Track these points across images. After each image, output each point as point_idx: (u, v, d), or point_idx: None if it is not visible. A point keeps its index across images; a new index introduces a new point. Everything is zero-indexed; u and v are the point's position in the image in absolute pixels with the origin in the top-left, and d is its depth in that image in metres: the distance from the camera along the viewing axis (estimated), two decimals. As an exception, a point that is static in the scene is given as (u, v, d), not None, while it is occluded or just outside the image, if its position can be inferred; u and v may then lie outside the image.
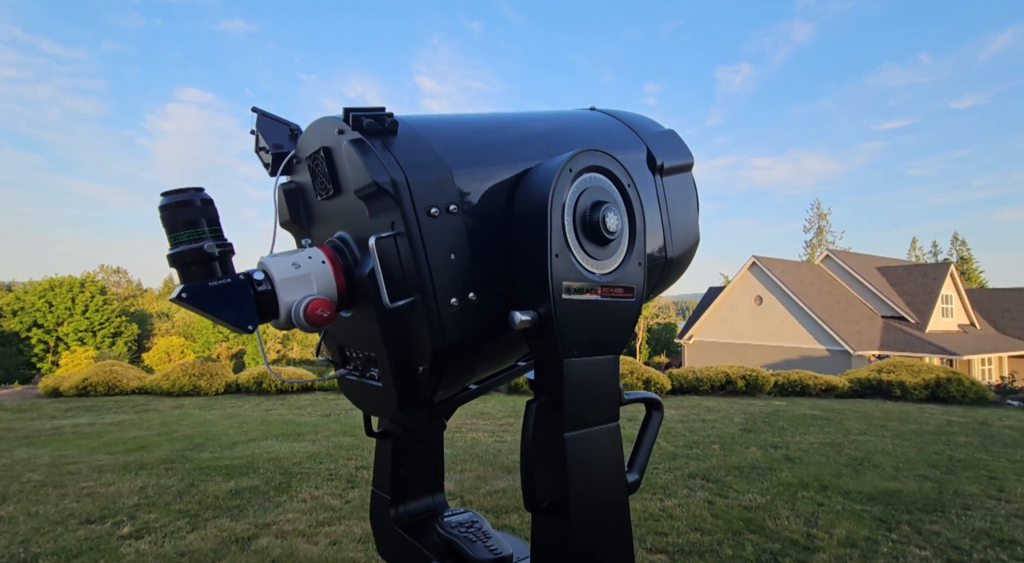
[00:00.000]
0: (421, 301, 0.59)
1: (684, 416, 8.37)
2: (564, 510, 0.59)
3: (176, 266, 0.56)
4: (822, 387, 11.85)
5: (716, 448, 5.97)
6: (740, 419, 8.06)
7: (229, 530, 3.35)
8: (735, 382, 11.49)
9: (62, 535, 3.26)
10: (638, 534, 3.40)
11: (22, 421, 7.98)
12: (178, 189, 0.57)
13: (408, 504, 0.87)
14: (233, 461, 5.05)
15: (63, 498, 3.98)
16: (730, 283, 28.55)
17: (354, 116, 0.60)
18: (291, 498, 4.02)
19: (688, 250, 0.96)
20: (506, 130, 0.78)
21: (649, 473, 4.83)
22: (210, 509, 3.74)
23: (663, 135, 0.94)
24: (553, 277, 0.60)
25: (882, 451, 5.94)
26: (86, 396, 10.82)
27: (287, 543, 3.18)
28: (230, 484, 4.31)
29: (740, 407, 9.51)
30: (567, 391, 0.61)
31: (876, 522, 3.70)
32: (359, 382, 0.73)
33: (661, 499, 4.13)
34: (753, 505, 4.01)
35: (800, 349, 24.25)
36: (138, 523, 3.46)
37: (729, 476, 4.80)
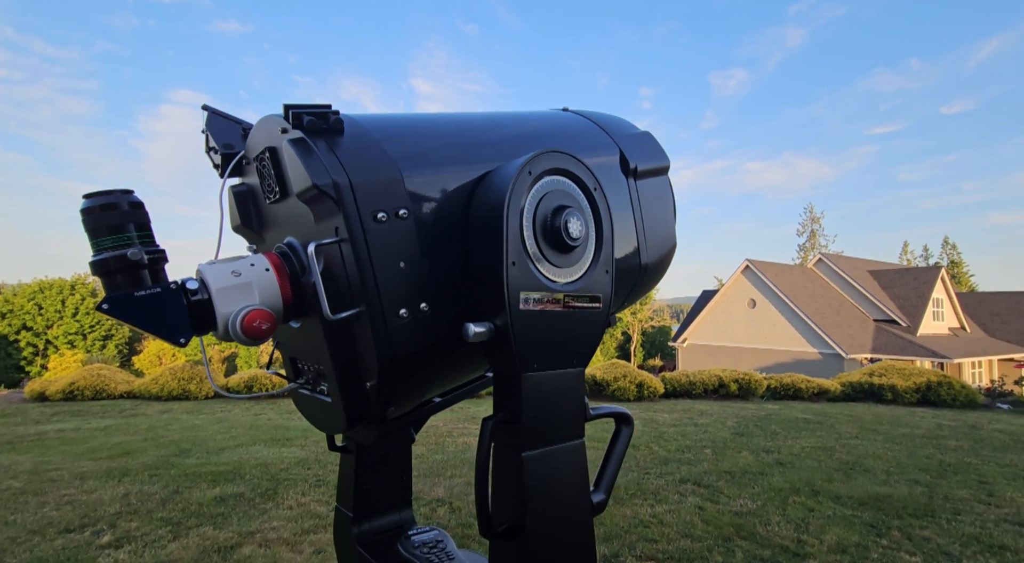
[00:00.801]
0: (366, 312, 0.55)
1: (677, 420, 8.34)
2: (521, 534, 0.55)
3: (99, 274, 0.52)
4: (814, 391, 11.87)
5: (708, 453, 5.94)
6: (733, 423, 8.04)
7: (212, 538, 3.29)
8: (728, 386, 11.49)
9: (39, 545, 3.18)
10: (628, 541, 3.37)
11: (6, 426, 7.84)
12: (103, 191, 0.53)
13: (373, 521, 0.83)
14: (219, 467, 4.97)
15: (43, 506, 3.90)
16: (724, 286, 28.65)
17: (295, 114, 0.56)
18: (277, 505, 3.95)
19: (664, 256, 0.92)
20: (469, 131, 0.74)
21: (640, 479, 4.79)
22: (193, 517, 3.66)
23: (637, 137, 0.91)
24: (509, 286, 0.56)
25: (873, 455, 5.94)
26: (73, 400, 10.65)
27: (271, 552, 3.12)
28: (215, 491, 4.23)
29: (733, 411, 9.50)
30: (525, 407, 0.57)
31: (866, 528, 3.68)
32: (311, 396, 0.69)
33: (652, 505, 4.09)
34: (744, 511, 3.99)
35: (793, 352, 24.34)
36: (119, 532, 3.38)
37: (720, 481, 4.78)
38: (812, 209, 49.61)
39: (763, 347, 25.44)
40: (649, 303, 48.60)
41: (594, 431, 6.95)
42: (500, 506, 0.59)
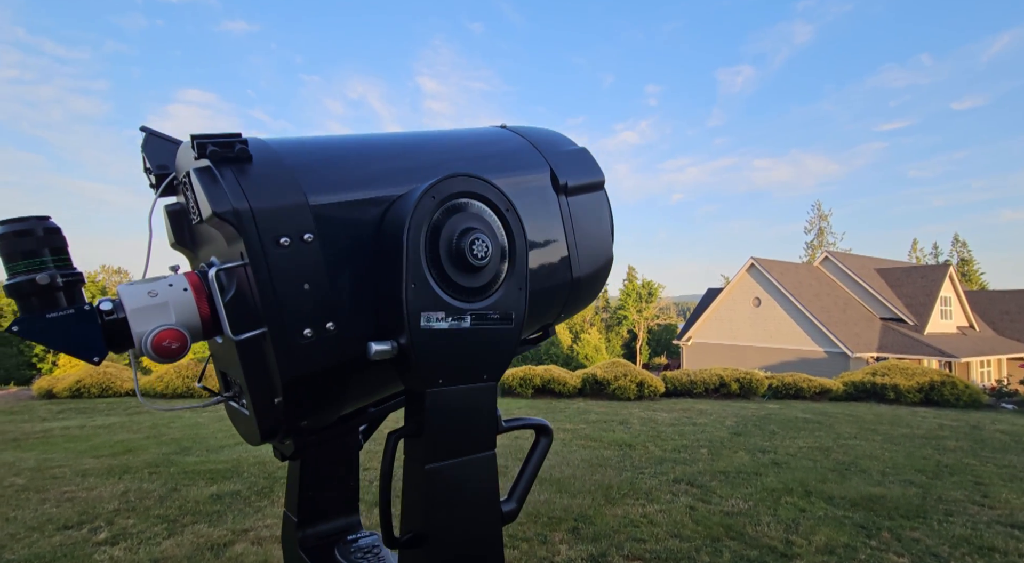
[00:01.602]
0: (270, 333, 0.58)
1: (675, 419, 8.34)
2: (425, 543, 0.58)
3: (14, 297, 0.55)
4: (816, 390, 11.82)
5: (704, 452, 5.94)
6: (731, 422, 8.03)
7: (206, 536, 3.35)
8: (729, 385, 11.46)
9: (37, 541, 3.25)
10: (616, 540, 3.39)
11: (13, 423, 7.98)
12: (17, 218, 0.56)
13: (318, 526, 0.85)
14: (218, 465, 5.04)
15: (43, 503, 3.98)
16: (728, 285, 28.51)
17: (199, 144, 0.58)
18: (272, 503, 4.01)
19: (599, 269, 0.94)
20: (391, 155, 0.76)
21: (633, 478, 4.81)
22: (189, 514, 3.73)
23: (571, 154, 0.93)
24: (408, 307, 0.58)
25: (870, 456, 5.92)
26: (80, 398, 10.82)
27: (263, 550, 3.17)
28: (212, 488, 4.30)
29: (733, 410, 9.48)
30: (428, 421, 0.59)
31: (856, 528, 3.68)
32: (237, 408, 0.72)
33: (643, 504, 4.11)
34: (735, 511, 4.00)
35: (798, 351, 24.21)
36: (115, 529, 3.45)
37: (714, 481, 4.79)
38: (820, 207, 49.16)
39: (768, 346, 25.31)
40: (655, 301, 48.39)
41: (594, 431, 6.90)
42: (407, 516, 0.62)
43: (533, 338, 0.96)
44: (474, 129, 0.96)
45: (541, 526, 3.60)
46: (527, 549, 3.24)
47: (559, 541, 3.38)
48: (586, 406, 9.76)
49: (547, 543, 3.34)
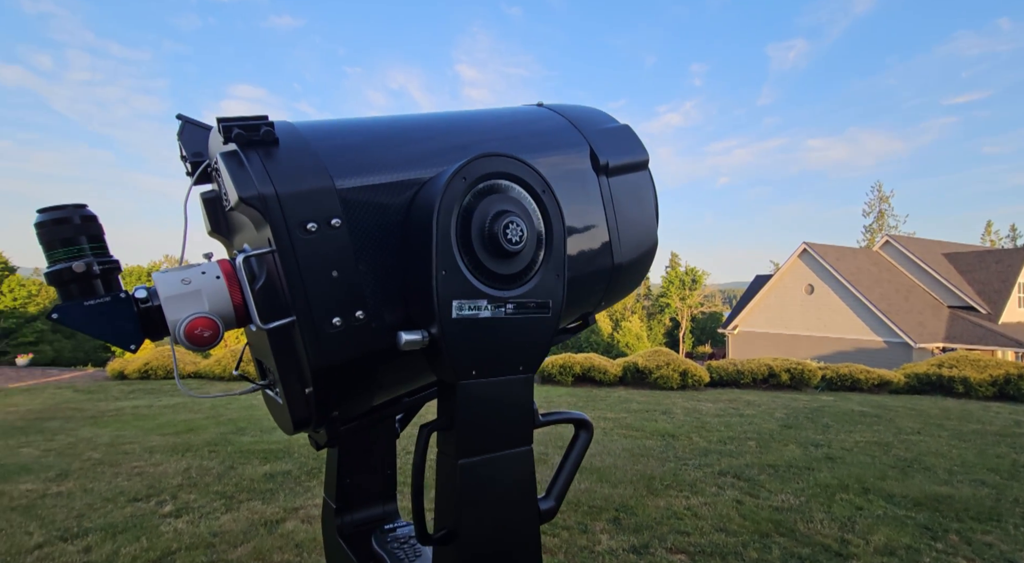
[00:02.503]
0: (298, 322, 0.56)
1: (721, 410, 8.10)
2: (458, 540, 0.55)
3: (54, 285, 0.56)
4: (875, 382, 11.18)
5: (752, 445, 5.74)
6: (781, 415, 7.72)
7: (260, 513, 3.52)
8: (778, 375, 11.01)
9: (111, 512, 3.51)
10: (659, 532, 3.32)
11: (90, 402, 8.66)
12: (55, 206, 0.56)
13: (355, 513, 0.85)
14: (271, 445, 5.28)
15: (116, 476, 4.29)
16: (779, 271, 27.30)
17: (225, 127, 0.57)
18: (320, 484, 4.17)
19: (642, 254, 0.88)
20: (421, 136, 0.72)
21: (677, 469, 4.70)
22: (245, 492, 3.93)
23: (612, 132, 0.86)
24: (439, 295, 0.55)
25: (936, 453, 5.55)
26: (147, 379, 11.61)
27: (312, 528, 3.30)
28: (266, 468, 4.51)
29: (782, 402, 9.11)
30: (461, 415, 0.56)
31: (920, 529, 3.46)
32: (272, 396, 0.72)
33: (687, 496, 4.01)
34: (785, 506, 3.84)
35: (855, 341, 22.97)
36: (179, 503, 3.68)
37: (763, 475, 4.61)
38: (880, 187, 46.07)
39: (821, 335, 24.15)
40: (700, 288, 46.98)
41: (638, 421, 6.80)
42: (440, 511, 0.59)
43: (572, 327, 0.92)
44: (509, 108, 0.91)
45: (581, 515, 3.58)
46: (567, 538, 3.23)
47: (600, 531, 3.34)
48: (627, 395, 9.63)
49: (587, 532, 3.31)
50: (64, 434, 6.05)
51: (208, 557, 2.88)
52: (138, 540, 3.07)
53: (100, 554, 2.90)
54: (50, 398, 9.30)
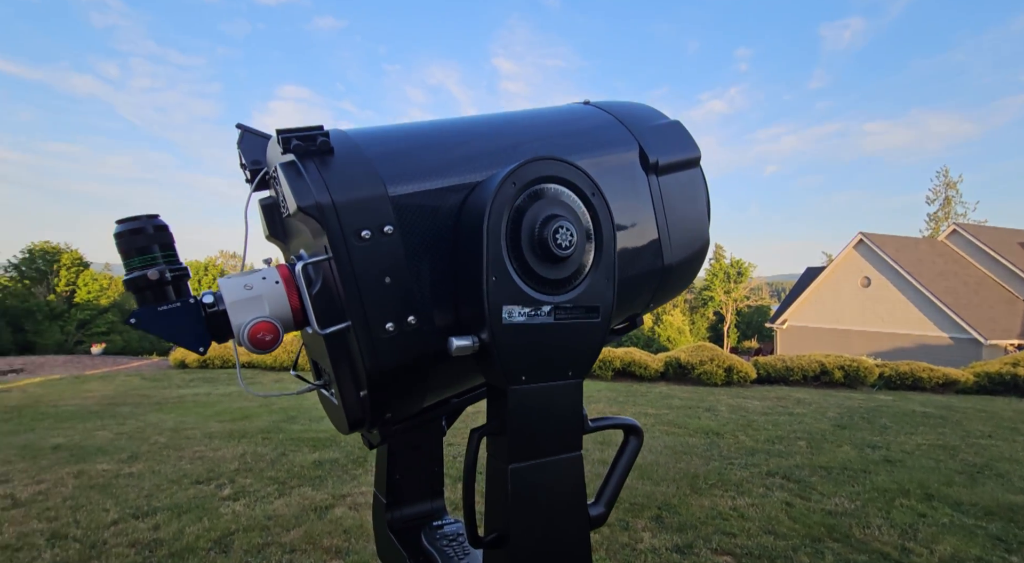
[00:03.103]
0: (354, 327, 0.58)
1: (768, 408, 7.82)
2: (508, 544, 0.56)
3: (131, 291, 0.60)
4: (939, 381, 10.50)
5: (802, 445, 5.52)
6: (834, 414, 7.38)
7: (310, 499, 3.67)
8: (831, 372, 10.52)
9: (176, 493, 3.75)
10: (703, 532, 3.26)
11: (155, 389, 9.27)
12: (131, 217, 0.60)
13: (404, 509, 0.88)
14: (319, 434, 5.50)
15: (180, 460, 4.58)
16: (832, 262, 25.99)
17: (283, 138, 0.59)
18: (366, 472, 4.31)
19: (693, 254, 0.85)
20: (468, 140, 0.73)
21: (722, 468, 4.58)
22: (296, 478, 4.11)
23: (661, 128, 0.83)
24: (489, 301, 0.55)
25: (1010, 458, 5.17)
26: (206, 368, 12.33)
27: (359, 515, 3.42)
28: (315, 455, 4.70)
29: (835, 401, 8.71)
30: (511, 420, 0.57)
31: (992, 541, 3.23)
32: (327, 397, 0.75)
33: (733, 497, 3.91)
34: (839, 510, 3.68)
35: (916, 337, 21.63)
36: (236, 486, 3.89)
37: (814, 477, 4.43)
38: (947, 173, 42.86)
39: (879, 330, 22.86)
40: (745, 281, 45.33)
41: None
42: (490, 515, 0.60)
43: (619, 328, 0.91)
44: (556, 107, 0.90)
45: (623, 512, 3.55)
46: (608, 534, 3.21)
47: (642, 529, 3.31)
48: (669, 391, 9.44)
49: (629, 530, 3.28)
50: (134, 419, 6.51)
51: (264, 539, 3.04)
52: (200, 520, 3.27)
53: (168, 532, 3.11)
54: (121, 385, 10.02)
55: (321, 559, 2.83)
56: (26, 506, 3.52)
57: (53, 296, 30.93)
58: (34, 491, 3.80)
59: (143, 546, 2.95)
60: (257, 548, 2.93)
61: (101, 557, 2.83)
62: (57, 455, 4.75)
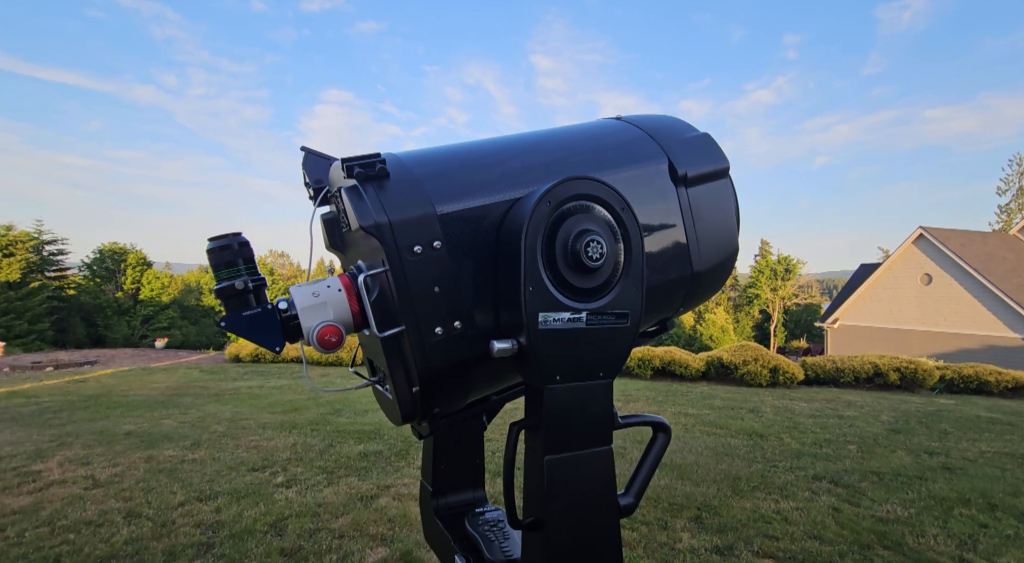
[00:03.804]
0: (407, 331, 0.65)
1: (816, 410, 7.54)
2: (544, 528, 0.62)
3: (220, 299, 0.69)
4: (1008, 385, 9.82)
5: (852, 449, 5.32)
6: (888, 418, 7.04)
7: (356, 488, 3.85)
8: (885, 374, 10.01)
9: (235, 479, 4.01)
10: (744, 535, 3.21)
11: (213, 382, 9.85)
12: (220, 235, 0.69)
13: (448, 497, 0.95)
14: (364, 427, 5.72)
15: (237, 448, 4.88)
16: (889, 258, 24.61)
17: (347, 166, 0.67)
18: (409, 464, 4.46)
19: (722, 261, 0.88)
20: (505, 159, 0.79)
21: (765, 470, 4.48)
22: (343, 468, 4.31)
23: (690, 141, 0.86)
24: (527, 309, 0.61)
25: (1086, 469, 4.80)
26: (258, 363, 12.98)
27: (402, 505, 3.56)
28: (360, 447, 4.91)
29: (890, 404, 8.30)
30: (547, 416, 0.63)
31: (1061, 556, 3.04)
32: (382, 392, 0.83)
33: (776, 500, 3.82)
34: (891, 517, 3.54)
35: (983, 338, 20.21)
36: (288, 474, 4.12)
37: (864, 482, 4.27)
38: (1021, 161, 39.64)
39: (940, 330, 21.51)
40: (794, 278, 43.44)
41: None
42: (528, 501, 0.66)
43: (651, 331, 0.95)
44: (589, 123, 0.95)
45: (661, 511, 3.54)
46: (646, 532, 3.22)
47: (680, 529, 3.29)
48: (710, 391, 9.24)
49: (668, 529, 3.27)
50: (195, 409, 6.95)
51: (315, 524, 3.22)
52: (257, 505, 3.49)
53: (228, 514, 3.34)
54: (182, 377, 10.70)
55: (368, 546, 2.98)
56: (104, 487, 3.85)
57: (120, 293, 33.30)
58: (111, 473, 4.16)
59: (207, 527, 3.19)
60: (309, 533, 3.11)
61: (171, 535, 3.07)
62: (129, 441, 5.15)
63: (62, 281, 31.51)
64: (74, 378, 11.29)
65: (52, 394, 8.58)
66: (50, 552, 2.85)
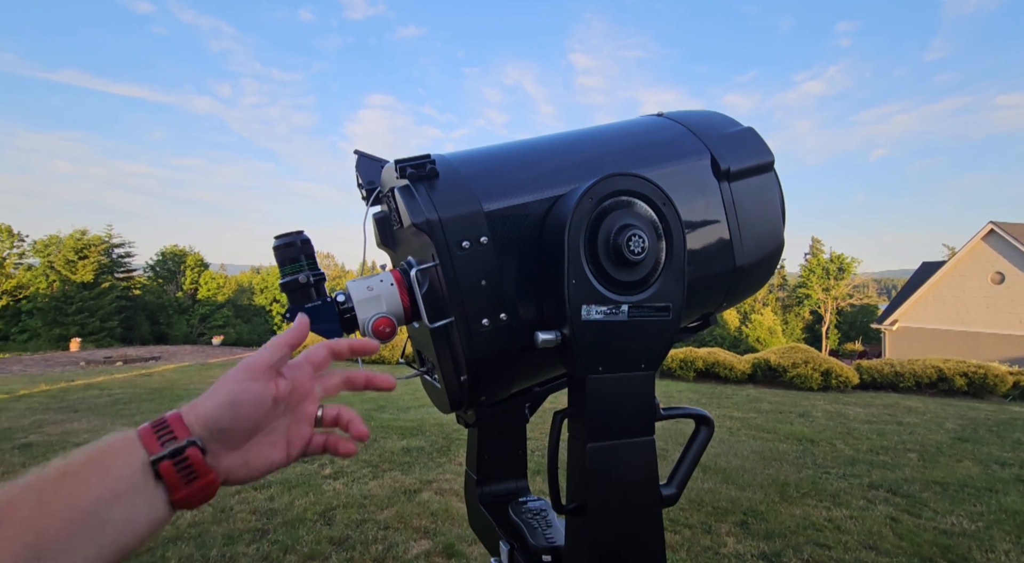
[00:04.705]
0: (455, 322, 0.68)
1: (872, 416, 7.17)
2: (587, 512, 0.64)
3: (285, 292, 0.75)
4: (1094, 393, 9.01)
5: (912, 457, 5.03)
6: (954, 425, 6.61)
7: (400, 482, 3.96)
8: (951, 379, 9.39)
9: (286, 470, 4.20)
10: (793, 542, 3.11)
11: (265, 377, 10.34)
12: (285, 233, 0.75)
13: (492, 485, 0.99)
14: (407, 423, 5.87)
15: (288, 440, 5.11)
16: (955, 256, 23.04)
17: (400, 167, 0.71)
18: (450, 460, 4.55)
19: (766, 256, 0.87)
20: (548, 157, 0.81)
21: (815, 477, 4.31)
22: (387, 462, 4.44)
23: (733, 136, 0.86)
24: (570, 301, 0.63)
25: None
26: (306, 360, 13.52)
27: (444, 500, 3.64)
28: (403, 442, 5.04)
29: (956, 411, 7.78)
30: (589, 405, 0.65)
31: None
32: (431, 382, 0.87)
33: (828, 508, 3.67)
34: (956, 530, 3.34)
35: (1064, 341, 18.60)
36: (336, 467, 4.28)
37: (926, 492, 4.04)
38: (1108, 148, 36.08)
39: (1014, 333, 19.94)
40: (848, 277, 41.27)
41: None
42: (571, 487, 0.68)
43: (693, 326, 0.95)
44: (629, 120, 0.96)
45: (705, 515, 3.47)
46: (689, 535, 3.16)
47: (725, 533, 3.22)
48: (757, 394, 8.93)
49: (712, 533, 3.21)
50: (248, 403, 7.32)
51: (361, 515, 3.34)
52: (307, 495, 3.66)
53: (281, 503, 3.52)
54: (236, 372, 11.28)
55: (411, 538, 3.06)
56: (170, 473, 4.13)
57: (180, 293, 35.45)
58: (175, 461, 4.44)
59: (261, 514, 3.36)
60: (356, 523, 3.23)
61: (229, 520, 3.26)
62: (190, 431, 5.48)
63: (129, 282, 33.89)
64: (141, 372, 12.10)
65: (122, 387, 9.24)
66: (124, 531, 3.08)
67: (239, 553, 2.85)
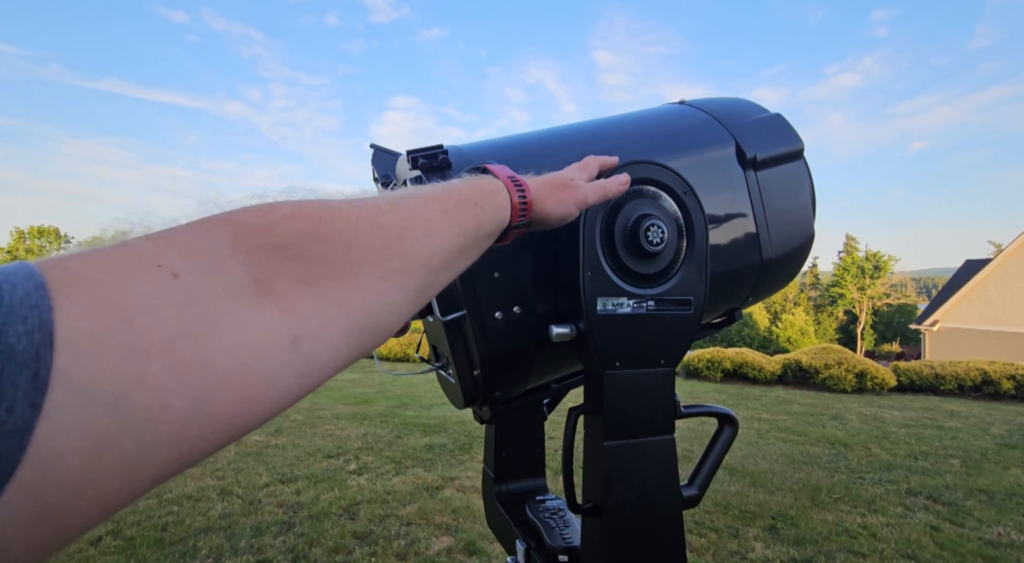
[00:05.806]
0: (469, 315, 0.67)
1: (910, 419, 6.88)
2: (604, 513, 0.61)
3: None
4: None
5: (955, 463, 4.81)
6: (1000, 431, 6.29)
7: (423, 478, 3.99)
8: (997, 382, 8.94)
9: (312, 464, 4.28)
10: (826, 548, 3.00)
11: (293, 374, 10.56)
12: None
13: (509, 484, 0.97)
14: (429, 420, 5.91)
15: (314, 436, 5.20)
16: (1000, 253, 21.94)
17: (412, 157, 0.70)
18: (471, 458, 4.56)
19: (795, 248, 0.83)
20: (565, 147, 0.79)
21: (849, 482, 4.15)
22: (410, 459, 4.48)
23: (759, 123, 0.82)
24: (586, 294, 0.61)
25: None
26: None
27: (465, 497, 3.65)
28: (426, 440, 5.07)
29: (1002, 415, 7.41)
30: (606, 402, 0.62)
31: None
32: (445, 377, 0.85)
33: (863, 514, 3.54)
34: (1003, 541, 3.17)
35: (1123, 343, 17.52)
36: (360, 462, 4.34)
37: (970, 500, 3.85)
38: None
39: (1066, 334, 18.88)
40: (884, 276, 39.75)
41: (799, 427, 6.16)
42: (588, 486, 0.66)
43: (717, 322, 0.91)
44: (651, 109, 0.93)
45: (732, 518, 3.38)
46: (715, 539, 3.09)
47: (753, 538, 3.13)
48: (787, 395, 8.68)
49: (739, 537, 3.12)
50: (277, 398, 7.49)
51: (384, 511, 3.37)
52: (332, 489, 3.71)
53: (307, 496, 3.58)
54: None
55: (433, 534, 3.07)
56: (201, 466, 4.24)
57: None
58: (206, 454, 4.58)
59: (288, 507, 3.43)
60: (379, 518, 3.26)
61: (258, 512, 3.33)
62: (222, 426, 5.64)
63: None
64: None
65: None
66: (158, 520, 3.18)
67: (266, 545, 2.91)
